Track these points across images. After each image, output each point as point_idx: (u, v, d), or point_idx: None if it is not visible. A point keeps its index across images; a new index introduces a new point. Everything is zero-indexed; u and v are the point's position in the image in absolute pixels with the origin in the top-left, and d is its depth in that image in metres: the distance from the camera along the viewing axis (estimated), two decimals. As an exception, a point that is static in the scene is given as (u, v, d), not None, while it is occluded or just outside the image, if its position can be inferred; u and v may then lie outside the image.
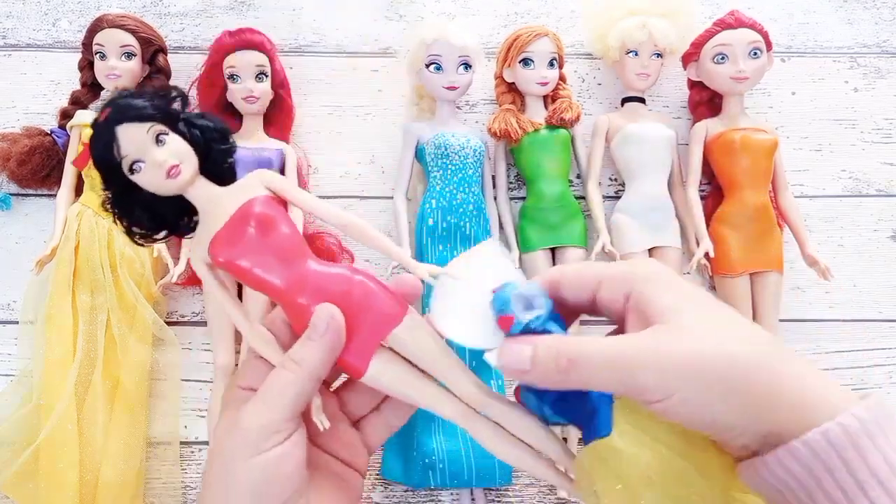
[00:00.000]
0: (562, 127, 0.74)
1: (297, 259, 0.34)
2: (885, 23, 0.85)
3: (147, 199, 0.34)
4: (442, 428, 0.68)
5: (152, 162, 0.33)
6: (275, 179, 0.35)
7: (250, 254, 0.33)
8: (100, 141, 0.33)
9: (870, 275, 0.78)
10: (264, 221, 0.33)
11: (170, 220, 0.36)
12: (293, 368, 0.31)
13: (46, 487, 0.63)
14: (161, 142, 0.33)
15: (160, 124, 0.34)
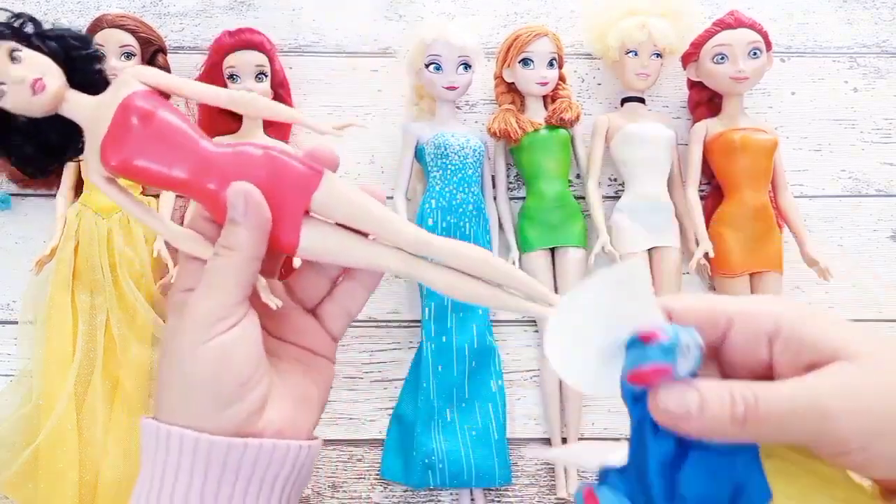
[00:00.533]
0: (561, 127, 0.74)
1: (193, 145, 0.32)
2: (884, 23, 0.85)
3: (24, 126, 0.32)
4: (442, 428, 0.68)
5: (13, 80, 0.31)
6: (147, 72, 0.33)
7: (142, 151, 0.31)
8: None
9: (870, 275, 0.78)
10: (147, 114, 0.31)
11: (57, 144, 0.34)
12: (226, 253, 0.30)
13: (46, 487, 0.63)
14: (16, 59, 0.31)
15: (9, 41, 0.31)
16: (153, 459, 0.30)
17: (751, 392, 0.23)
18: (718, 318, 0.26)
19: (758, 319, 0.26)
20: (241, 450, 0.29)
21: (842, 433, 0.23)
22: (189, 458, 0.29)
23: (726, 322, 0.26)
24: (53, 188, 0.73)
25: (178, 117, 0.32)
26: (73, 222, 0.69)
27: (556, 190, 0.73)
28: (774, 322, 0.25)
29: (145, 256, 0.70)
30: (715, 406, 0.23)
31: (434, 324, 0.70)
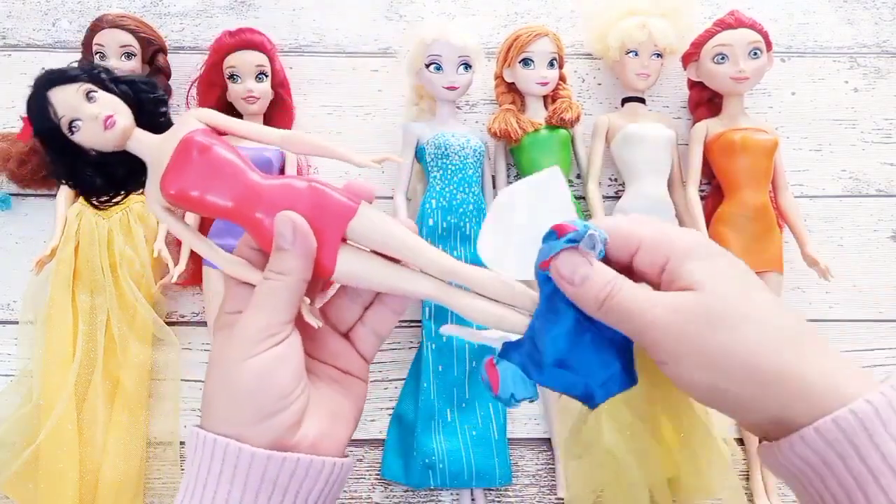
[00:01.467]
0: (562, 127, 0.74)
1: (244, 178, 0.34)
2: (885, 23, 0.85)
3: (94, 160, 0.36)
4: (442, 428, 0.68)
5: (87, 116, 0.35)
6: (206, 113, 0.37)
7: (197, 182, 0.34)
8: (35, 109, 0.36)
9: (870, 275, 0.78)
10: (203, 149, 0.34)
11: (121, 177, 0.37)
12: (277, 278, 0.32)
13: (46, 487, 0.63)
14: (92, 99, 0.35)
15: (87, 83, 0.36)
16: (198, 466, 0.32)
17: (620, 285, 0.29)
18: (631, 241, 0.31)
19: (657, 250, 0.30)
20: (280, 463, 0.31)
21: (659, 342, 0.28)
22: (231, 467, 0.31)
23: (637, 244, 0.31)
24: (53, 188, 0.73)
25: (232, 153, 0.35)
26: (74, 222, 0.69)
27: (556, 190, 0.73)
28: (665, 255, 0.30)
29: (146, 256, 0.70)
30: (593, 284, 0.29)
31: (434, 324, 0.70)
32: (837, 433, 0.25)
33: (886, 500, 0.25)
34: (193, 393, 0.71)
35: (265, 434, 0.31)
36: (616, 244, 0.31)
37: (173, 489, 0.68)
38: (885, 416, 0.25)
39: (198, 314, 0.73)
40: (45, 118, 0.35)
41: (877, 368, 0.75)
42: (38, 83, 0.36)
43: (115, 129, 0.35)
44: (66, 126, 0.35)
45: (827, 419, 0.26)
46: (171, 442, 0.68)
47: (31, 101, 0.36)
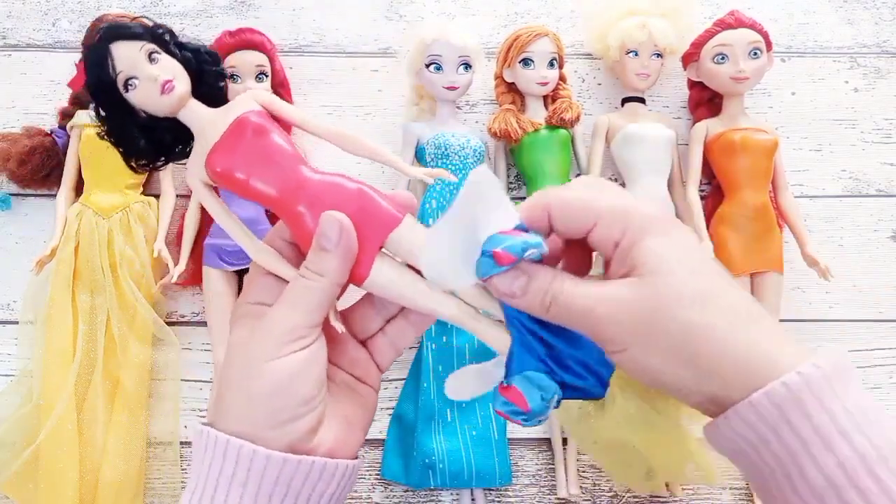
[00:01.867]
0: (562, 127, 0.74)
1: (293, 168, 0.34)
2: (885, 23, 0.85)
3: (143, 122, 0.35)
4: (442, 428, 0.68)
5: (146, 77, 0.34)
6: (265, 95, 0.36)
7: (246, 164, 0.33)
8: (94, 59, 0.34)
9: (870, 275, 0.78)
10: (260, 131, 0.34)
11: (167, 143, 0.36)
12: (314, 278, 0.31)
13: (46, 487, 0.63)
14: (154, 60, 0.34)
15: (151, 43, 0.34)
16: (208, 466, 0.31)
17: (560, 288, 0.29)
18: (588, 216, 0.30)
19: (612, 224, 0.29)
20: (295, 466, 0.30)
21: (606, 335, 0.28)
22: (244, 470, 0.30)
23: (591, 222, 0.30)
24: (54, 188, 0.73)
25: (286, 140, 0.34)
26: (74, 222, 0.69)
27: (556, 190, 0.73)
28: (623, 229, 0.29)
29: (145, 256, 0.70)
30: (533, 292, 0.29)
31: (434, 324, 0.70)
32: (770, 406, 0.26)
33: (818, 472, 0.25)
34: (193, 393, 0.71)
35: (282, 439, 0.30)
36: (572, 219, 0.30)
37: (173, 489, 0.68)
38: (817, 388, 0.26)
39: (198, 314, 0.73)
40: (102, 70, 0.34)
41: (877, 368, 0.75)
42: (103, 34, 0.34)
43: (172, 95, 0.34)
44: (122, 82, 0.34)
45: (759, 393, 0.26)
46: (171, 442, 0.68)
47: (91, 50, 0.34)
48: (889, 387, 0.75)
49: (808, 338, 0.76)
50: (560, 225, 0.31)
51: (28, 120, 0.76)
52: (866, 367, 0.75)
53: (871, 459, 0.25)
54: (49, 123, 0.76)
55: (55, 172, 0.73)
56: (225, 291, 0.69)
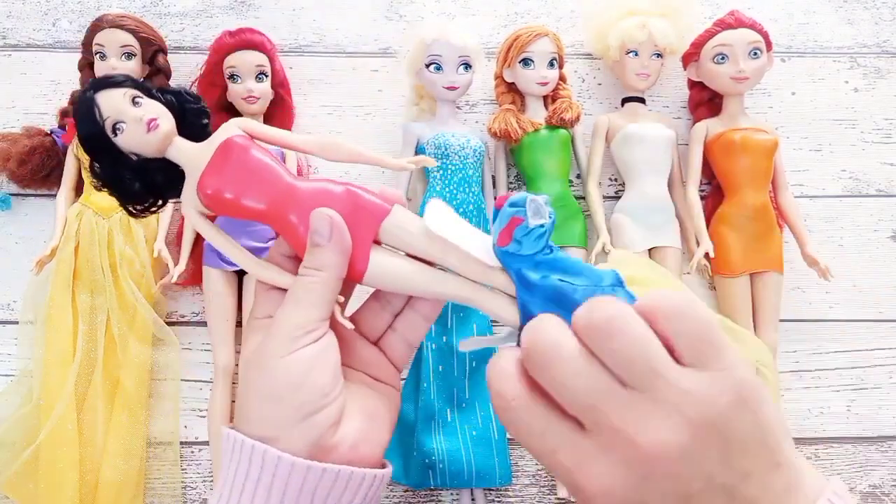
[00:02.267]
0: (562, 127, 0.74)
1: (279, 180, 0.35)
2: (885, 23, 0.85)
3: (135, 165, 0.37)
4: (442, 428, 0.68)
5: (132, 118, 0.35)
6: (245, 120, 0.38)
7: (234, 183, 0.35)
8: (82, 111, 0.36)
9: (870, 275, 0.78)
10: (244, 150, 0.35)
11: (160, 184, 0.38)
12: (313, 273, 0.32)
13: (46, 487, 0.63)
14: (137, 103, 0.36)
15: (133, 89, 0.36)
16: (234, 470, 0.31)
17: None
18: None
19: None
20: (319, 474, 0.30)
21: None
22: (269, 475, 0.30)
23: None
24: (54, 189, 0.73)
25: (269, 157, 0.36)
26: (74, 222, 0.69)
27: (556, 190, 0.73)
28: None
29: (145, 256, 0.70)
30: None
31: (434, 324, 0.70)
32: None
33: None
34: (193, 393, 0.71)
35: (306, 434, 0.30)
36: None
37: (173, 489, 0.68)
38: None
39: (198, 314, 0.73)
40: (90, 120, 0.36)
41: (877, 368, 0.75)
42: (87, 87, 0.36)
43: (158, 133, 0.35)
44: (110, 127, 0.36)
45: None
46: (171, 442, 0.68)
47: (78, 103, 0.36)
48: (889, 387, 0.75)
49: (808, 338, 0.76)
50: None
51: (28, 120, 0.77)
52: (866, 367, 0.75)
53: None
54: (49, 123, 0.76)
55: (55, 172, 0.73)
56: (225, 291, 0.69)
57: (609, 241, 0.72)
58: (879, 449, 0.73)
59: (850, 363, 0.75)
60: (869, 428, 0.73)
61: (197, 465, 0.69)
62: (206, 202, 0.36)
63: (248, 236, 0.70)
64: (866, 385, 0.74)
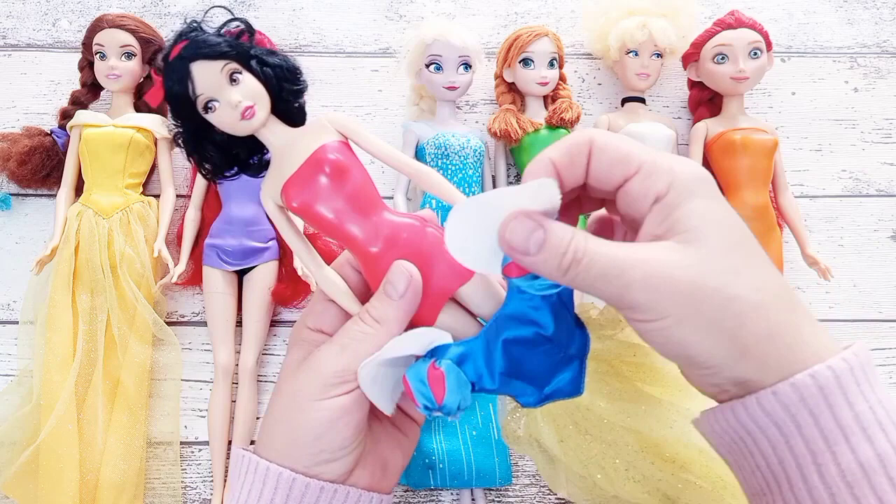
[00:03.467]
0: (562, 127, 0.74)
1: (370, 207, 0.33)
2: (885, 23, 0.85)
3: (220, 140, 0.34)
4: (442, 428, 0.68)
5: (227, 102, 0.33)
6: (346, 122, 0.35)
7: (325, 200, 0.33)
8: (174, 77, 0.33)
9: (870, 275, 0.78)
10: (338, 168, 0.33)
11: (241, 158, 0.36)
12: (373, 325, 0.31)
13: (46, 487, 0.63)
14: (235, 81, 0.33)
15: (234, 62, 0.33)
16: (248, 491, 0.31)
17: (583, 247, 0.26)
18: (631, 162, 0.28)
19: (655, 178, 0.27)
20: (331, 494, 0.31)
21: (637, 302, 0.25)
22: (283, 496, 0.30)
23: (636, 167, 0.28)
24: (54, 188, 0.73)
25: (365, 178, 0.34)
26: (74, 222, 0.69)
27: (556, 190, 0.73)
28: (666, 185, 0.27)
29: (146, 256, 0.70)
30: (551, 250, 0.26)
31: (434, 324, 0.70)
32: (814, 389, 0.25)
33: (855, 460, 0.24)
34: (193, 393, 0.71)
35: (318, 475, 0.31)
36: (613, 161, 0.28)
37: (173, 489, 0.68)
38: (860, 375, 0.25)
39: (198, 314, 0.73)
40: (182, 89, 0.32)
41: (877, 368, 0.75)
42: (185, 52, 0.32)
43: (253, 122, 0.33)
44: (202, 104, 0.33)
45: (805, 374, 0.25)
46: (171, 442, 0.68)
47: (171, 66, 0.33)
48: (889, 387, 0.75)
49: (808, 338, 0.76)
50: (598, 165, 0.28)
51: (28, 120, 0.77)
52: (866, 367, 0.75)
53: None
54: (49, 123, 0.76)
55: (55, 172, 0.73)
56: (225, 291, 0.69)
57: None
58: (879, 449, 0.73)
59: (850, 363, 0.75)
60: (869, 428, 0.73)
61: (197, 465, 0.69)
62: (290, 209, 0.34)
63: (248, 236, 0.70)
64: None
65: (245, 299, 0.70)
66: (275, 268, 0.71)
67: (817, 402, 0.25)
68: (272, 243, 0.71)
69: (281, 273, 0.71)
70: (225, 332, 0.69)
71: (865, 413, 0.25)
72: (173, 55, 0.33)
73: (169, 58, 0.33)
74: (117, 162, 0.71)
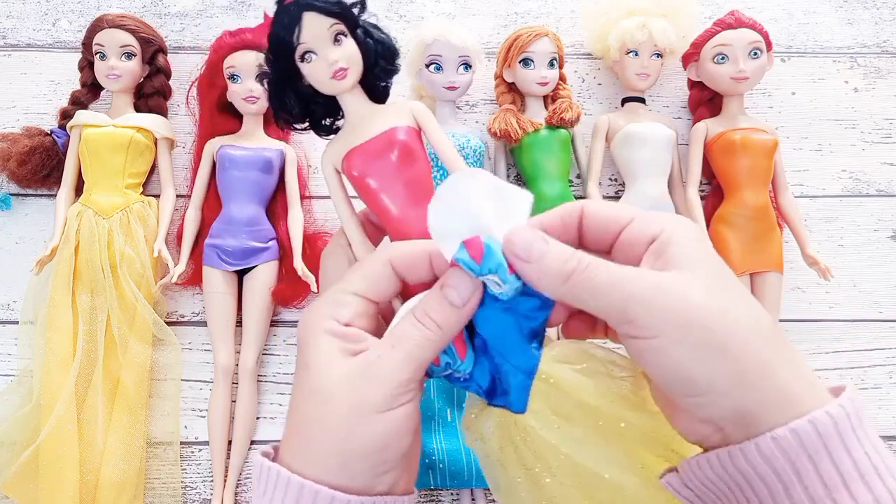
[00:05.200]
0: (562, 127, 0.74)
1: (424, 197, 0.33)
2: (885, 23, 0.85)
3: (304, 92, 0.36)
4: (442, 428, 0.68)
5: (324, 58, 0.34)
6: (423, 113, 0.36)
7: (383, 177, 0.34)
8: (283, 20, 0.34)
9: (870, 275, 0.78)
10: (405, 151, 0.34)
11: (317, 116, 0.37)
12: (434, 329, 0.29)
13: (46, 487, 0.63)
14: (338, 42, 0.34)
15: (342, 24, 0.34)
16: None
17: (586, 259, 0.27)
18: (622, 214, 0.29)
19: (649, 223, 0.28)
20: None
21: (634, 316, 0.26)
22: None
23: (627, 220, 0.29)
24: (54, 188, 0.73)
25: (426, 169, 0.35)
26: (74, 222, 0.69)
27: (556, 190, 0.73)
28: (659, 228, 0.28)
29: (146, 256, 0.70)
30: (552, 259, 0.27)
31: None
32: (814, 436, 0.24)
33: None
34: (193, 393, 0.71)
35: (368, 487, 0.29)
36: (607, 217, 0.29)
37: (173, 489, 0.68)
38: (857, 421, 0.25)
39: (198, 314, 0.73)
40: (287, 33, 0.34)
41: (877, 368, 0.75)
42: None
43: (342, 84, 0.34)
44: (300, 52, 0.34)
45: (804, 420, 0.25)
46: (171, 442, 0.68)
47: (284, 8, 0.34)
48: (889, 387, 0.75)
49: (808, 338, 0.76)
50: (591, 227, 0.29)
51: (28, 120, 0.77)
52: (866, 367, 0.75)
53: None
54: (49, 123, 0.76)
55: (55, 172, 0.73)
56: (225, 291, 0.69)
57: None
58: (879, 449, 0.73)
59: (850, 363, 0.75)
60: (869, 428, 0.73)
61: (197, 465, 0.69)
62: (348, 176, 0.35)
63: (248, 236, 0.70)
64: (866, 385, 0.74)
65: (245, 299, 0.70)
66: (275, 268, 0.71)
67: (817, 448, 0.24)
68: (272, 243, 0.71)
69: (281, 273, 0.71)
70: (225, 332, 0.69)
71: (863, 459, 0.25)
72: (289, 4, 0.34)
73: (284, 1, 0.34)
74: (117, 162, 0.71)
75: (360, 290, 0.31)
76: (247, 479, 0.68)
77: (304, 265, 0.68)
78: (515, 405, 0.30)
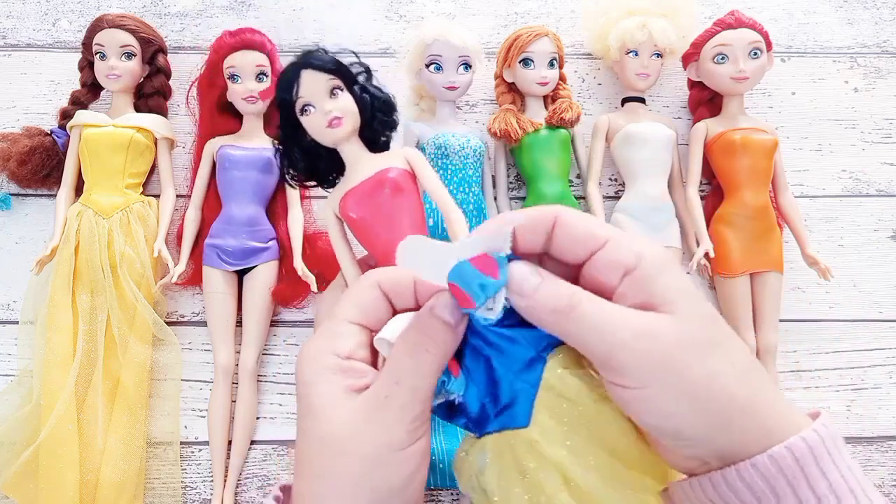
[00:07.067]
0: (562, 127, 0.74)
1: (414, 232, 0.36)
2: (885, 23, 0.85)
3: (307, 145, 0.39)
4: (442, 428, 0.68)
5: (321, 109, 0.38)
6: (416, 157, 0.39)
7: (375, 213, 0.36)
8: (285, 79, 0.38)
9: (870, 275, 0.78)
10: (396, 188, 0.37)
11: (322, 170, 0.40)
12: (434, 351, 0.28)
13: (46, 487, 0.63)
14: (334, 95, 0.38)
15: (338, 79, 0.38)
16: None
17: (579, 296, 0.27)
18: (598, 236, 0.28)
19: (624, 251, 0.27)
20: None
21: (625, 368, 0.25)
22: None
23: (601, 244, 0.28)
24: (54, 189, 0.73)
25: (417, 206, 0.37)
26: (74, 222, 0.69)
27: (556, 190, 0.73)
28: (636, 259, 0.27)
29: (146, 256, 0.70)
30: (546, 293, 0.27)
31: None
32: (791, 461, 0.25)
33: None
34: (193, 393, 0.71)
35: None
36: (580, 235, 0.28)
37: (173, 489, 0.68)
38: (831, 445, 0.26)
39: (198, 314, 0.73)
40: (287, 90, 0.38)
41: (877, 368, 0.75)
42: (300, 58, 0.38)
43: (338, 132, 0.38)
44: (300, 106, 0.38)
45: (782, 447, 0.25)
46: (171, 442, 0.68)
47: (286, 70, 0.38)
48: (889, 387, 0.75)
49: (808, 338, 0.76)
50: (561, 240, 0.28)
51: (28, 120, 0.77)
52: (866, 367, 0.75)
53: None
54: (49, 123, 0.76)
55: (55, 172, 0.73)
56: (225, 291, 0.69)
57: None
58: (879, 449, 0.73)
59: (850, 363, 0.75)
60: (869, 428, 0.73)
61: (197, 465, 0.69)
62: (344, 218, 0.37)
63: (248, 236, 0.70)
64: (866, 385, 0.74)
65: (245, 299, 0.70)
66: (275, 268, 0.71)
67: (794, 473, 0.26)
68: (272, 243, 0.71)
69: (281, 273, 0.71)
70: (225, 332, 0.69)
71: (838, 482, 0.26)
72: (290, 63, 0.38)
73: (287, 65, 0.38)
74: (117, 162, 0.71)
75: (355, 318, 0.30)
76: (247, 479, 0.68)
77: (303, 265, 0.68)
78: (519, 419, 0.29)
